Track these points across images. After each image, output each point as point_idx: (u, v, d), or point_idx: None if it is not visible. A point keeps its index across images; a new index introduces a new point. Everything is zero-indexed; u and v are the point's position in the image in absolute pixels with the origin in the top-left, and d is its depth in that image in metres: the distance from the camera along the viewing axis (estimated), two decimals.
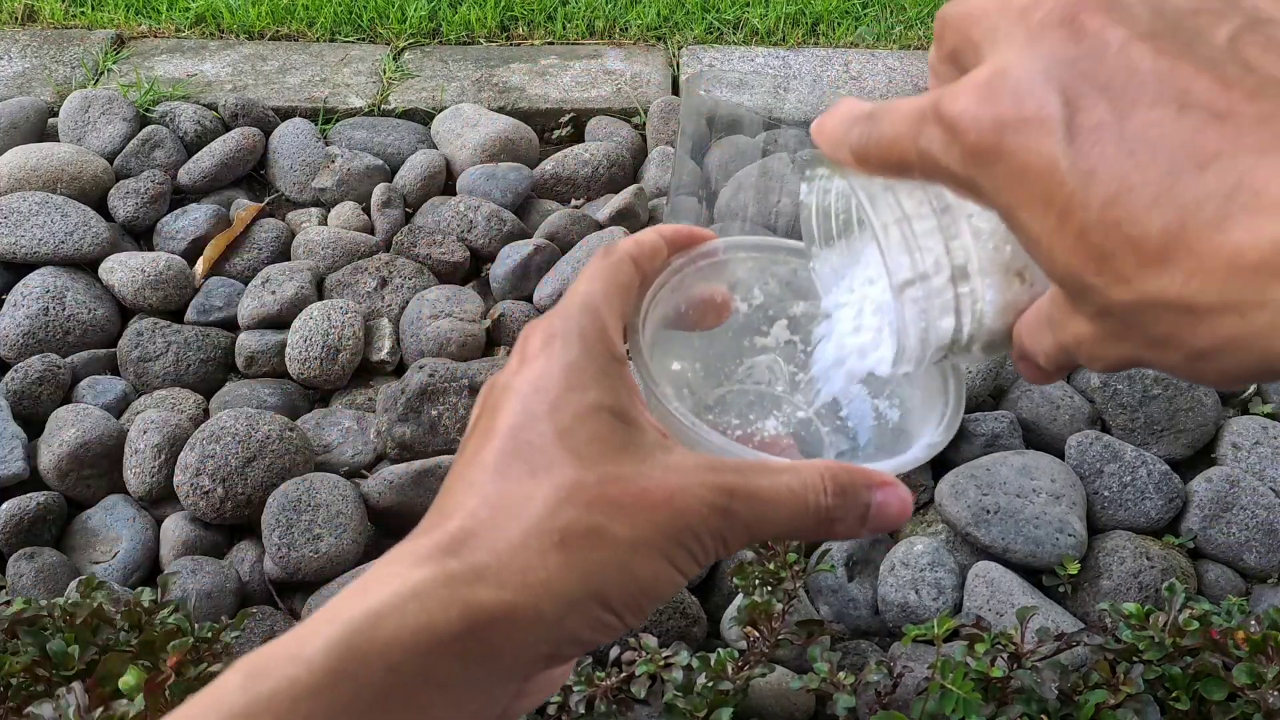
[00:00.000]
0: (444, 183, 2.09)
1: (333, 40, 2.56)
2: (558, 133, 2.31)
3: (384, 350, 1.77)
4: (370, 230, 1.99)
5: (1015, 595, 1.39)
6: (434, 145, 2.19)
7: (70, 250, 1.83)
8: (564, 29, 2.60)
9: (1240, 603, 1.18)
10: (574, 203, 2.10)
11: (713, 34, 2.61)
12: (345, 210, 2.02)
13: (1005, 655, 1.13)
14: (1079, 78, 0.29)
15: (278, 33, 2.57)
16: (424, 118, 2.28)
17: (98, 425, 1.57)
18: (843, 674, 1.15)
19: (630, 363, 0.39)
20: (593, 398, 0.36)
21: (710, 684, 1.12)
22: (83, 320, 1.77)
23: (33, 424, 1.63)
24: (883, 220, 0.35)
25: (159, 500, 1.54)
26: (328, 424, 1.65)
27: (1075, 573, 1.42)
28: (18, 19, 2.57)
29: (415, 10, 2.58)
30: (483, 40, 2.59)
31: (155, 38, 2.54)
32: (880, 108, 0.34)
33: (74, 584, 1.32)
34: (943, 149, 0.31)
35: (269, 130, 2.17)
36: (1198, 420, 1.63)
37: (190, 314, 1.82)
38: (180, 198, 2.05)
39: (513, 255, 1.87)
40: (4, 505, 1.47)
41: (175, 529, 1.49)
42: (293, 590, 1.47)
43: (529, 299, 1.87)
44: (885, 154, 0.33)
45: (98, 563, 1.47)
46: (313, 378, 1.71)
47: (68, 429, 1.56)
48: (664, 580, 0.34)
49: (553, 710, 1.13)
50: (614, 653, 1.22)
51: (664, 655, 1.18)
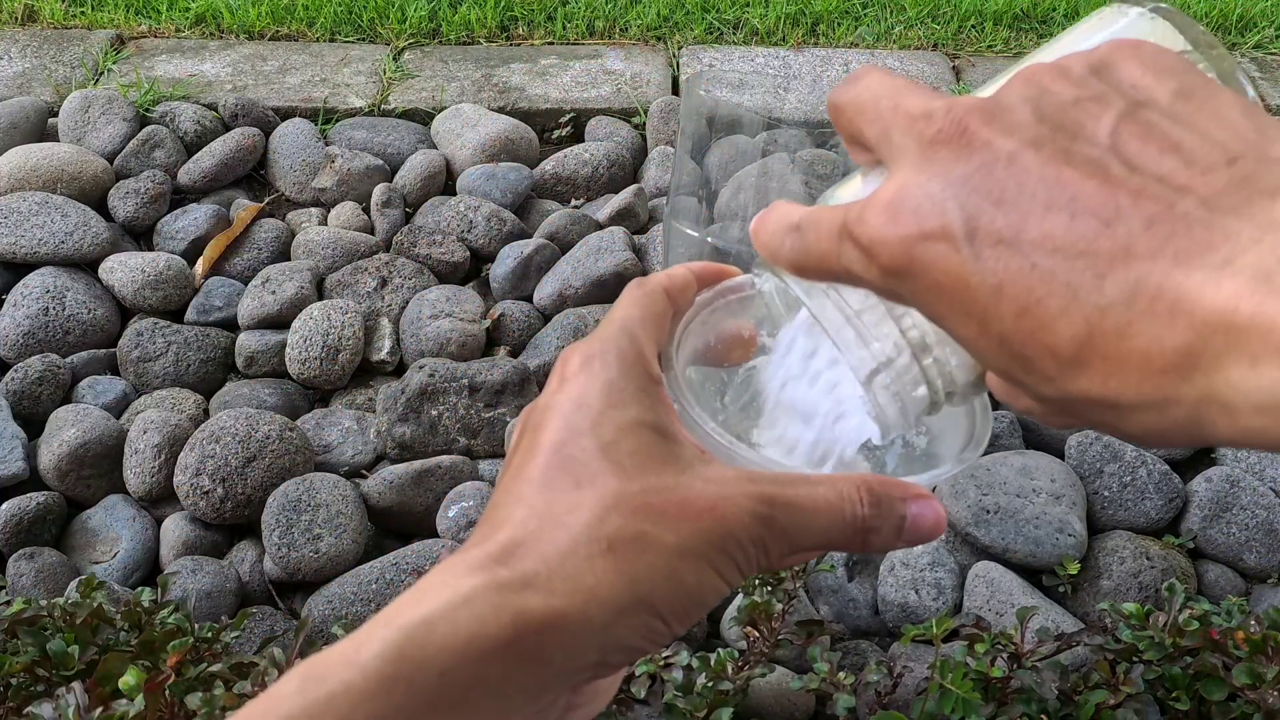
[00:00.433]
0: (444, 183, 2.09)
1: (332, 40, 2.56)
2: (558, 133, 2.31)
3: (384, 350, 1.77)
4: (370, 230, 1.99)
5: (1015, 595, 1.39)
6: (434, 145, 2.19)
7: (70, 250, 1.83)
8: (564, 29, 2.60)
9: (1240, 603, 1.18)
10: (574, 203, 2.10)
11: (713, 34, 2.61)
12: (345, 210, 2.01)
13: (1005, 655, 1.13)
14: (974, 193, 0.30)
15: (278, 33, 2.57)
16: (424, 118, 2.28)
17: (98, 425, 1.57)
18: (843, 674, 1.15)
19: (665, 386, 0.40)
20: (633, 414, 0.37)
21: (710, 684, 1.12)
22: (83, 320, 1.77)
23: (33, 424, 1.63)
24: (834, 325, 0.37)
25: (159, 500, 1.54)
26: (328, 424, 1.65)
27: (1075, 573, 1.42)
28: (18, 19, 2.56)
29: (415, 10, 2.58)
30: (483, 40, 2.59)
31: (155, 38, 2.54)
32: (806, 219, 0.35)
33: (74, 584, 1.32)
34: (862, 268, 0.33)
35: (269, 130, 2.16)
36: None
37: (190, 314, 1.82)
38: (180, 198, 2.05)
39: (513, 255, 1.88)
40: (4, 505, 1.47)
41: (175, 529, 1.49)
42: (293, 590, 1.47)
43: (529, 299, 1.87)
44: (816, 266, 0.35)
45: (98, 563, 1.47)
46: (313, 378, 1.71)
47: (68, 429, 1.56)
48: (709, 587, 0.35)
49: None
50: None
51: (664, 655, 1.18)
